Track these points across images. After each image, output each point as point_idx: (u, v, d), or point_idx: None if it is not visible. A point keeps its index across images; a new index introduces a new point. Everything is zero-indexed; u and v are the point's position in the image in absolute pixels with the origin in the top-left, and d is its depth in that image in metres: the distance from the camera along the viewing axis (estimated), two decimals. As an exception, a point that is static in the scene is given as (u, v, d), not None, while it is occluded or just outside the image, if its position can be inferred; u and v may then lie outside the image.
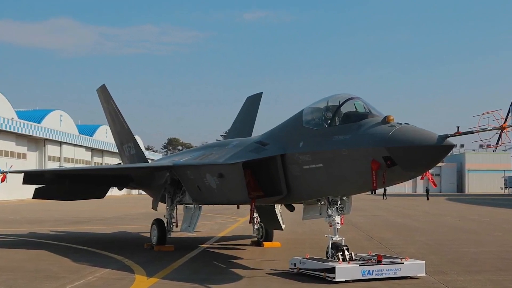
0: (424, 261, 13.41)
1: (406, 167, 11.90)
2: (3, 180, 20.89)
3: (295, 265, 13.49)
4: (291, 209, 17.20)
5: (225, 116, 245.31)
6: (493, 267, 14.82)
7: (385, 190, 76.45)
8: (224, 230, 26.15)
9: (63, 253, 17.38)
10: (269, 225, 19.66)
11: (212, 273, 13.76)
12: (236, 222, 31.39)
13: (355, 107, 13.24)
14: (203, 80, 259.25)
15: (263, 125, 24.45)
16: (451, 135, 11.64)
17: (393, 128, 11.99)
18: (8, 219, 34.72)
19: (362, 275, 12.45)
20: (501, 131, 11.75)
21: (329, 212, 13.51)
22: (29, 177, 21.51)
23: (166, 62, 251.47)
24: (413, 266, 13.04)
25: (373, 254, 13.92)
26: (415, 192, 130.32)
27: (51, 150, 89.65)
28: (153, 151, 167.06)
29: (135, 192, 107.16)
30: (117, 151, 26.63)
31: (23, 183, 21.29)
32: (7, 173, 21.10)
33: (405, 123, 12.22)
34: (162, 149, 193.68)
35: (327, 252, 13.37)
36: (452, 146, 11.77)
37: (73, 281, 12.43)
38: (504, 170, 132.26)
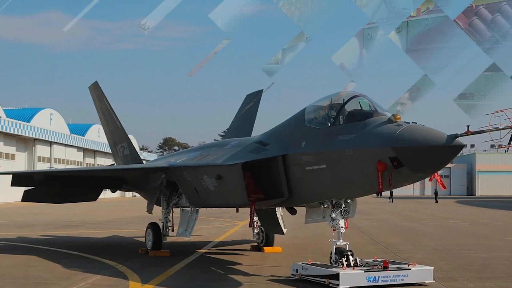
0: (432, 267, 13.23)
1: (413, 168, 11.73)
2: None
3: (297, 271, 13.32)
4: (293, 212, 17.09)
5: (224, 115, 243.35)
6: (505, 274, 14.60)
7: (391, 193, 76.15)
8: (222, 235, 25.92)
9: (54, 259, 17.13)
10: (269, 229, 19.43)
11: (210, 280, 13.60)
12: (235, 226, 31.11)
13: (360, 105, 13.14)
14: (200, 77, 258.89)
15: (263, 124, 23.93)
16: (461, 135, 11.44)
17: (400, 128, 11.81)
18: (-4, 223, 34.27)
19: (368, 281, 12.27)
20: (514, 130, 11.56)
21: (333, 215, 13.30)
22: (18, 179, 21.18)
23: (161, 57, 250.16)
24: (421, 272, 12.88)
25: (379, 259, 13.73)
26: (423, 194, 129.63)
27: (41, 150, 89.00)
28: (148, 152, 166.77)
29: (129, 194, 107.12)
30: (110, 152, 26.44)
31: (12, 185, 20.98)
32: (-5, 174, 20.79)
33: (412, 122, 12.00)
34: (158, 149, 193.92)
35: (330, 258, 13.21)
36: (462, 146, 11.57)
37: (64, 289, 12.29)
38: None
